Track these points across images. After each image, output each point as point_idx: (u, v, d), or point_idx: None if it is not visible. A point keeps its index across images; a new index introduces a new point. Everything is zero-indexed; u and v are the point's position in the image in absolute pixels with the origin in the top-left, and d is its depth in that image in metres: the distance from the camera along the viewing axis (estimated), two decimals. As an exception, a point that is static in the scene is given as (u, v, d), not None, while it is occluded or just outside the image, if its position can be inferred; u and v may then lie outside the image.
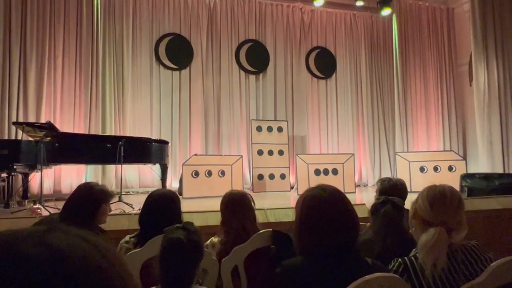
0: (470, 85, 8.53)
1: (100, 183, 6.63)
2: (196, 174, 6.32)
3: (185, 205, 5.28)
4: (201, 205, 5.04)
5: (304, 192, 1.27)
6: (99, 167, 6.68)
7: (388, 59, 9.26)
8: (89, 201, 1.94)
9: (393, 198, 1.80)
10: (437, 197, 1.32)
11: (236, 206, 2.08)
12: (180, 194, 6.15)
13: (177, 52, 7.79)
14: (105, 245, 0.40)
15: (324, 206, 1.18)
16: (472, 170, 7.63)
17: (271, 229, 1.98)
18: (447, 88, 8.93)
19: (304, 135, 8.66)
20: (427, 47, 9.10)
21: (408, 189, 2.62)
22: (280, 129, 7.89)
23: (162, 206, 1.97)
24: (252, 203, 2.19)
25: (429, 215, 1.30)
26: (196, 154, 6.85)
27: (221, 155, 7.51)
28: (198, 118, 7.88)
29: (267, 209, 3.90)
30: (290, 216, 3.69)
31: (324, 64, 8.88)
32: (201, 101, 7.92)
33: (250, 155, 7.86)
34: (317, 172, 6.84)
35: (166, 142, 6.04)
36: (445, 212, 1.29)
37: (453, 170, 6.84)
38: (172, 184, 7.39)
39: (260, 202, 5.77)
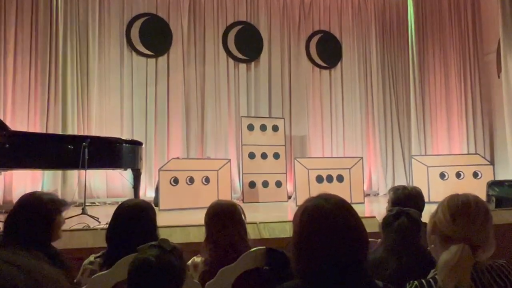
0: (499, 77, 8.63)
1: (59, 191, 6.55)
2: (176, 181, 6.31)
3: (162, 219, 5.28)
4: (181, 219, 5.02)
5: (303, 203, 1.27)
6: (59, 173, 6.62)
7: (402, 47, 9.34)
8: (39, 216, 1.87)
9: (408, 209, 1.81)
10: (460, 208, 1.33)
11: (224, 219, 2.08)
12: (156, 205, 6.07)
13: (153, 36, 7.76)
14: (36, 266, 0.40)
15: (326, 219, 1.18)
16: (501, 176, 7.70)
17: (264, 247, 1.98)
18: (471, 81, 9.04)
19: (304, 135, 8.68)
20: (448, 33, 9.21)
21: (426, 199, 2.64)
22: (275, 128, 7.91)
23: (133, 220, 1.96)
24: (243, 216, 2.19)
25: (451, 230, 1.31)
26: (175, 158, 6.83)
27: (206, 159, 7.52)
28: (178, 115, 7.86)
29: (260, 222, 3.90)
30: (287, 231, 3.69)
31: (327, 51, 8.92)
32: (182, 95, 7.90)
33: (240, 158, 7.86)
34: (319, 179, 6.86)
35: (139, 143, 6.02)
36: (469, 226, 1.30)
37: (478, 177, 6.93)
38: (147, 193, 7.37)
39: (252, 214, 5.75)
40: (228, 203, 2.20)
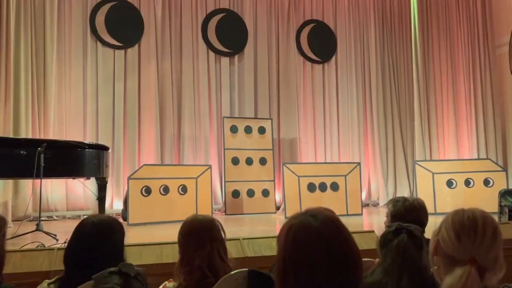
0: None
1: (9, 204, 6.43)
2: (148, 191, 6.27)
3: (131, 235, 5.23)
4: (153, 235, 4.99)
5: (289, 220, 1.26)
6: (9, 182, 6.47)
7: (405, 39, 9.46)
8: None
9: (409, 225, 1.82)
10: (466, 225, 1.33)
11: (200, 237, 2.06)
12: (125, 219, 6.08)
13: (122, 24, 7.71)
14: None
15: (314, 239, 1.18)
16: (515, 184, 7.85)
17: (247, 269, 1.97)
18: (481, 77, 9.19)
19: (294, 138, 8.71)
20: (456, 23, 9.36)
21: (431, 210, 2.68)
22: (262, 130, 7.92)
23: (97, 238, 1.92)
24: (222, 233, 2.17)
25: (456, 250, 1.31)
26: (147, 164, 6.80)
27: (183, 165, 7.49)
28: (151, 115, 7.81)
29: (244, 238, 3.88)
30: (275, 249, 3.69)
31: (320, 43, 8.98)
32: (155, 92, 7.85)
33: (222, 164, 7.86)
34: (312, 187, 6.89)
35: (105, 148, 5.96)
36: (476, 245, 1.31)
37: (490, 185, 7.04)
38: (114, 205, 7.31)
39: (235, 228, 5.75)
40: (205, 219, 2.18)
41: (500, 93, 9.22)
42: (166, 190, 6.43)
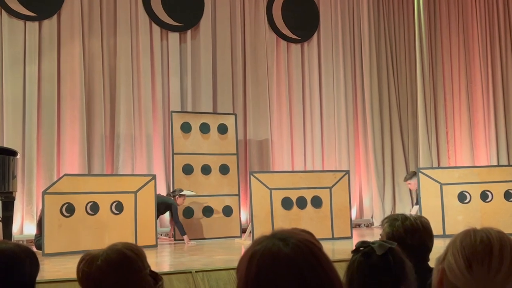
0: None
1: None
2: (70, 210, 6.16)
3: (48, 269, 5.02)
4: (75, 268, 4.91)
5: (252, 245, 1.25)
6: None
7: (406, 14, 9.61)
8: None
9: (376, 241, 1.85)
10: (479, 250, 1.35)
11: (116, 277, 2.00)
12: (39, 248, 5.96)
13: (36, -13, 7.59)
14: None
15: (283, 269, 1.18)
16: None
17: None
18: (501, 62, 9.42)
19: (264, 140, 8.74)
20: (469, -5, 9.59)
21: (440, 232, 2.73)
22: (222, 129, 7.91)
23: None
24: (141, 265, 2.10)
25: (466, 282, 1.33)
26: (69, 174, 6.68)
27: (117, 175, 7.39)
28: (75, 109, 7.70)
29: (198, 271, 3.88)
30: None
31: (298, 17, 9.02)
32: (80, 78, 7.74)
33: (170, 174, 7.80)
34: (287, 203, 6.87)
35: (11, 153, 5.85)
36: (491, 275, 1.32)
37: (512, 199, 7.22)
38: (25, 229, 7.18)
39: (186, 258, 5.71)
40: (120, 252, 2.08)
41: (524, 83, 9.47)
42: (94, 208, 6.32)
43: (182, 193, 7.19)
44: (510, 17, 9.50)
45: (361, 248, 1.84)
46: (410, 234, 2.45)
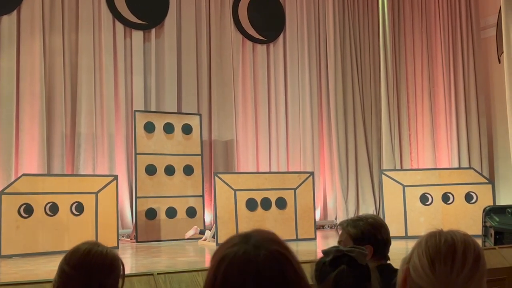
0: (499, 60, 9.15)
1: None
2: (28, 211, 6.09)
3: (5, 271, 4.96)
4: (35, 271, 4.85)
5: (222, 246, 1.21)
6: None
7: (371, 17, 9.71)
8: None
9: (351, 249, 1.83)
10: (442, 250, 1.35)
11: (88, 279, 1.95)
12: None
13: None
14: None
15: (254, 275, 1.15)
16: (503, 200, 8.18)
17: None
18: (464, 66, 9.58)
19: (229, 140, 8.71)
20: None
21: (402, 233, 2.75)
22: (187, 129, 7.87)
23: None
24: (120, 282, 2.07)
25: (428, 281, 1.32)
26: (27, 174, 6.58)
27: (78, 176, 7.30)
28: (34, 107, 7.55)
29: (160, 273, 3.81)
30: (200, 286, 3.66)
31: (264, 18, 9.03)
32: (40, 75, 7.60)
33: (133, 175, 7.74)
34: (252, 204, 6.88)
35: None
36: (453, 276, 1.32)
37: (473, 201, 7.31)
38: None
39: (148, 260, 5.72)
40: (104, 254, 2.05)
41: (485, 84, 9.62)
42: (54, 209, 6.27)
43: None
44: (473, 20, 9.66)
45: (338, 256, 1.80)
46: (378, 230, 2.54)
